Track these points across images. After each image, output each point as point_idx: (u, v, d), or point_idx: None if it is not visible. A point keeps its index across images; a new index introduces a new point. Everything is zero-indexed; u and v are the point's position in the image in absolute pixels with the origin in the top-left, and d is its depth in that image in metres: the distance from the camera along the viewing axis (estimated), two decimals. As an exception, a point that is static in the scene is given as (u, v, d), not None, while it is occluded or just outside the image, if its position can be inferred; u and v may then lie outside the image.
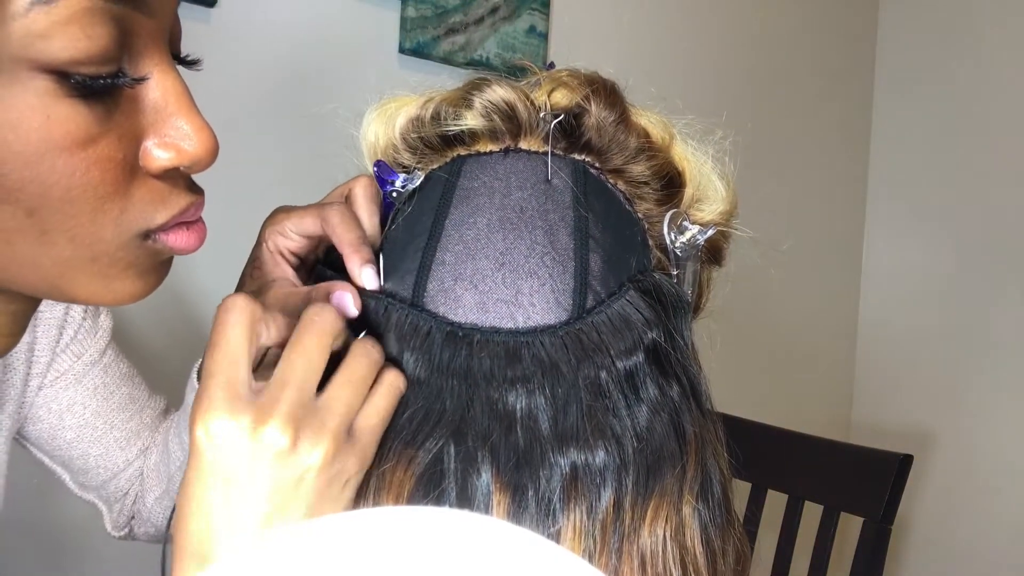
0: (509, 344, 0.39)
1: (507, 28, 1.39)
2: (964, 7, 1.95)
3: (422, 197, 0.44)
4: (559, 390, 0.38)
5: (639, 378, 0.39)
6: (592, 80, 0.44)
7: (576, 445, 0.37)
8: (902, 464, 1.09)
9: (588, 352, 0.39)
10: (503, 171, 0.43)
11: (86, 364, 0.67)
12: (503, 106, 0.43)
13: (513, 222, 0.41)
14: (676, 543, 0.38)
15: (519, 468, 0.37)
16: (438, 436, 0.37)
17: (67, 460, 0.69)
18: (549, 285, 0.40)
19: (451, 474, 0.37)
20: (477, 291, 0.40)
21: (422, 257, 0.42)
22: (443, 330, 0.40)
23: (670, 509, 0.38)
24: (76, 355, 0.66)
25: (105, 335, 0.68)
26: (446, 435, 0.37)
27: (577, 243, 0.41)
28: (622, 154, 0.44)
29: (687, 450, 0.39)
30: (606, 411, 0.38)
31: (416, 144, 0.45)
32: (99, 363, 0.68)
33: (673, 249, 0.44)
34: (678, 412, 0.40)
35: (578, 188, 0.43)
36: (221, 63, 1.15)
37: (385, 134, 0.46)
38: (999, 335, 1.87)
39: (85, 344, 0.67)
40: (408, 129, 0.45)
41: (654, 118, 0.46)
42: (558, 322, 0.40)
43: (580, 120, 0.43)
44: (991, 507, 1.86)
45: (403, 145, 0.46)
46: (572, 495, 0.37)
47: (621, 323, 0.40)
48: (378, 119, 0.46)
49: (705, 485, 0.39)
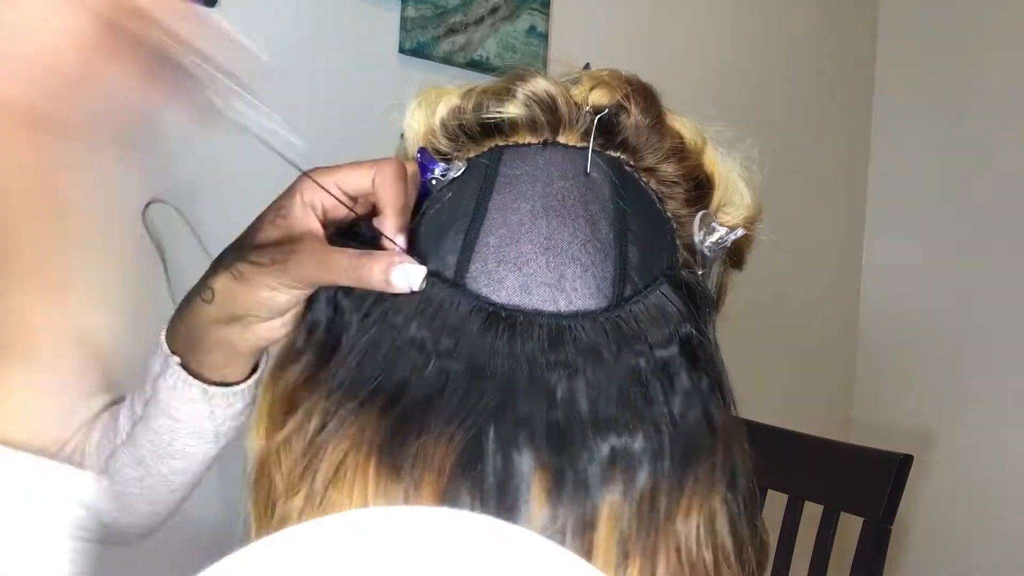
0: (552, 327, 0.40)
1: (507, 28, 1.39)
2: (964, 7, 1.95)
3: (462, 183, 0.45)
4: (600, 375, 0.39)
5: (674, 368, 0.40)
6: (632, 81, 0.46)
7: (615, 429, 0.38)
8: (902, 464, 1.09)
9: (628, 339, 0.40)
10: (543, 162, 0.44)
11: None
12: (545, 98, 0.44)
13: (556, 209, 0.42)
14: (708, 530, 0.39)
15: (558, 450, 0.37)
16: (478, 415, 0.38)
17: None
18: (591, 272, 0.41)
19: (491, 453, 0.37)
20: (521, 273, 0.41)
21: (464, 238, 0.42)
22: (485, 311, 0.40)
23: (703, 498, 0.39)
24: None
25: None
26: (487, 414, 0.38)
27: (617, 234, 0.42)
28: (655, 154, 0.45)
29: (717, 441, 0.40)
30: (644, 398, 0.39)
31: (456, 132, 0.46)
32: None
33: (701, 249, 0.46)
34: (708, 404, 0.41)
35: (616, 182, 0.44)
36: (221, 63, 1.15)
37: (425, 121, 0.47)
38: (999, 335, 1.87)
39: None
40: (449, 117, 0.46)
41: (688, 123, 0.47)
42: (598, 308, 0.41)
43: (618, 118, 0.45)
44: (991, 507, 1.86)
45: (442, 132, 0.46)
46: (610, 478, 0.37)
47: (658, 313, 0.41)
48: (420, 107, 0.47)
49: (734, 477, 0.40)
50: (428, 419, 0.38)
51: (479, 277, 0.41)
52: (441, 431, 0.38)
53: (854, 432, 2.09)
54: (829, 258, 2.06)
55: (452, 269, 0.42)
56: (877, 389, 2.08)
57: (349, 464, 0.38)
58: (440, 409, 0.38)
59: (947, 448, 1.94)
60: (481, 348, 0.39)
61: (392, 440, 0.38)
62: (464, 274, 0.41)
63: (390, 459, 0.38)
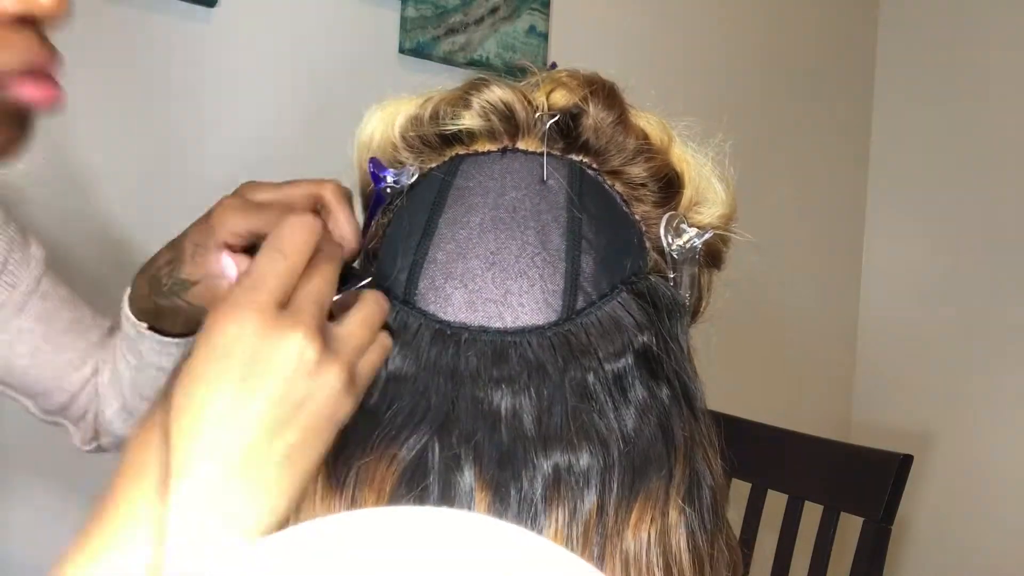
0: (496, 343, 0.39)
1: (507, 28, 1.39)
2: (964, 7, 1.95)
3: (417, 195, 0.44)
4: (544, 391, 0.38)
5: (627, 381, 0.39)
6: (591, 81, 0.44)
7: (560, 446, 0.37)
8: (902, 464, 1.09)
9: (576, 353, 0.39)
10: (499, 171, 0.43)
11: (23, 294, 0.70)
12: (501, 106, 0.43)
13: (505, 222, 0.42)
14: (660, 546, 0.38)
15: (502, 468, 0.37)
16: (422, 433, 0.37)
17: (26, 387, 0.72)
18: (539, 286, 0.40)
19: (434, 472, 0.37)
20: (467, 290, 0.41)
21: (414, 254, 0.42)
22: (432, 328, 0.40)
23: (655, 512, 0.38)
24: (10, 285, 0.69)
25: (38, 264, 0.71)
26: (430, 432, 0.37)
27: (569, 244, 0.41)
28: (620, 155, 0.44)
29: (675, 453, 0.39)
30: (592, 413, 0.38)
31: (415, 143, 0.45)
32: (36, 292, 0.71)
33: (669, 252, 0.44)
34: (667, 415, 0.40)
35: (573, 189, 0.43)
36: (221, 63, 1.15)
37: (384, 133, 0.46)
38: (999, 335, 1.87)
39: (18, 275, 0.70)
40: (407, 128, 0.45)
41: (653, 119, 0.46)
42: (547, 323, 0.40)
43: (578, 120, 0.43)
44: (991, 507, 1.86)
45: (403, 144, 0.46)
46: (555, 496, 0.37)
47: (611, 325, 0.40)
48: (377, 119, 0.47)
49: (693, 489, 0.39)
50: (371, 439, 0.38)
51: (427, 294, 0.41)
52: (383, 452, 0.37)
53: (854, 432, 2.09)
54: (829, 258, 2.06)
55: (402, 286, 0.42)
56: (877, 389, 2.08)
57: None
58: (383, 428, 0.38)
59: (947, 448, 1.94)
60: (427, 365, 0.39)
61: (337, 458, 0.38)
62: (414, 291, 0.41)
63: (335, 476, 0.38)
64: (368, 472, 0.37)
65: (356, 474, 0.37)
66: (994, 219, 1.89)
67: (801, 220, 1.96)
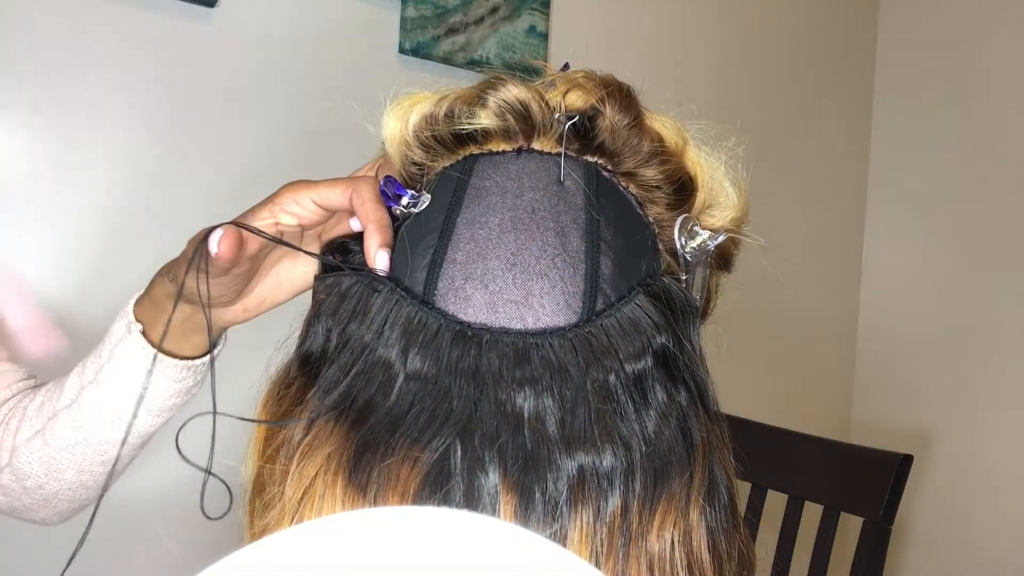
0: (518, 345, 0.39)
1: (507, 28, 1.39)
2: (964, 8, 1.95)
3: (433, 195, 0.44)
4: (567, 392, 0.38)
5: (647, 382, 0.39)
6: (607, 82, 0.44)
7: (584, 448, 0.37)
8: (902, 464, 1.09)
9: (597, 355, 0.39)
10: (515, 171, 0.43)
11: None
12: (517, 106, 0.43)
13: (525, 222, 0.41)
14: (683, 547, 0.38)
15: (526, 469, 0.37)
16: (445, 435, 0.37)
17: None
18: (560, 287, 0.40)
19: (457, 474, 0.37)
20: (487, 291, 0.40)
21: (433, 255, 0.42)
22: (452, 329, 0.40)
23: (677, 514, 0.38)
24: None
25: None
26: (453, 434, 0.37)
27: (588, 246, 0.41)
28: (635, 157, 0.44)
29: (695, 455, 0.39)
30: (614, 415, 0.38)
31: (429, 142, 0.45)
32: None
33: (683, 254, 0.44)
34: (686, 417, 0.40)
35: (590, 190, 0.43)
36: (221, 63, 1.15)
37: (399, 131, 0.46)
38: (999, 335, 1.87)
39: None
40: (421, 127, 0.45)
41: (668, 123, 0.46)
42: (568, 324, 0.40)
43: (594, 122, 0.43)
44: (991, 507, 1.86)
45: (416, 142, 0.46)
46: (579, 497, 0.37)
47: (630, 327, 0.40)
48: (392, 116, 0.46)
49: (712, 490, 0.39)
50: (393, 440, 0.38)
51: (447, 294, 0.41)
52: (406, 453, 0.37)
53: (854, 432, 2.09)
54: (829, 259, 2.06)
55: (421, 285, 0.41)
56: (877, 389, 2.08)
57: (319, 481, 0.38)
58: (406, 429, 0.38)
59: (947, 448, 1.94)
60: (448, 367, 0.39)
61: (358, 460, 0.38)
62: (433, 291, 0.41)
63: (356, 479, 0.37)
64: (391, 474, 0.37)
65: (379, 476, 0.37)
66: (994, 219, 1.89)
67: (801, 221, 1.96)
